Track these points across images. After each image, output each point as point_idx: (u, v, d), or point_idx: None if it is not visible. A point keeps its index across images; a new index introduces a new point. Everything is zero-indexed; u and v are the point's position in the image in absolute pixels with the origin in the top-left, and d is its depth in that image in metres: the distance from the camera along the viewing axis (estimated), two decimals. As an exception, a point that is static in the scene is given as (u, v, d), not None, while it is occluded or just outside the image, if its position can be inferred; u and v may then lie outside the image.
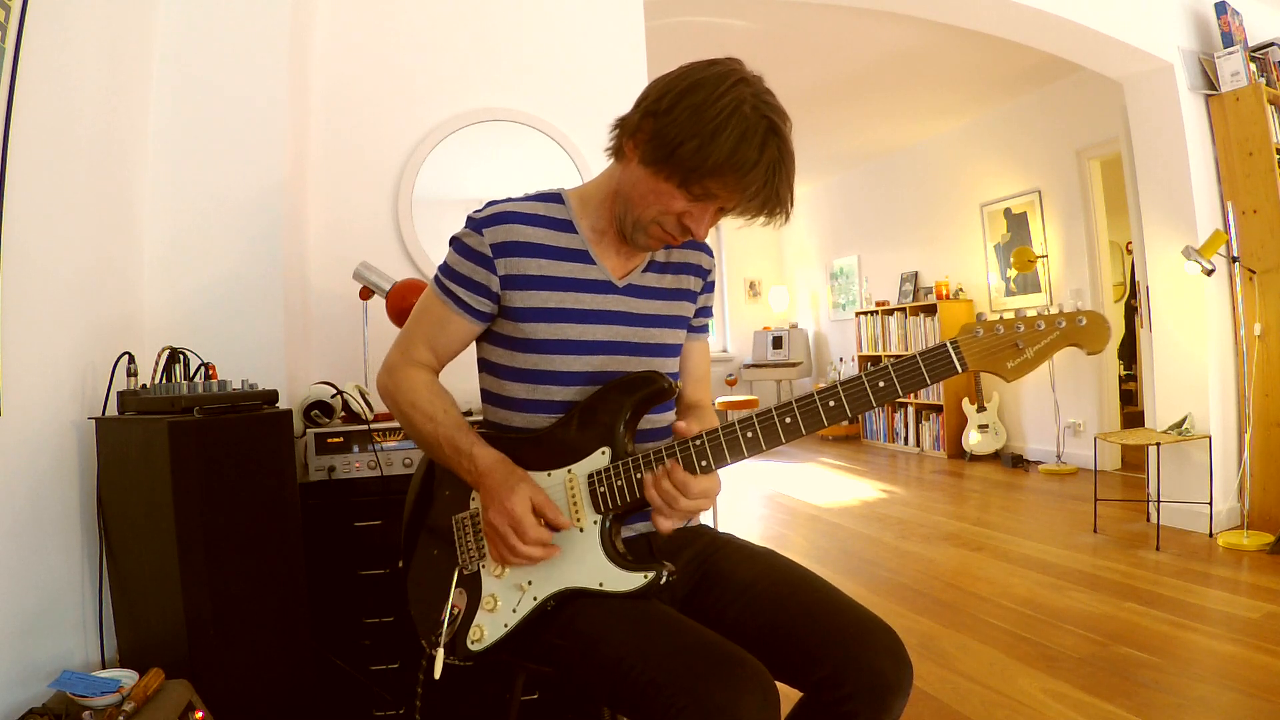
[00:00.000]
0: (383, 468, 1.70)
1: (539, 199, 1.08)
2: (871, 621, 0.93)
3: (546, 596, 0.97)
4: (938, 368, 0.88)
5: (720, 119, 0.88)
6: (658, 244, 1.04)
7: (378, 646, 1.67)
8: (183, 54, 1.76)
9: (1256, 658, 1.98)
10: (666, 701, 0.81)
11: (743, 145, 0.89)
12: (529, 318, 1.03)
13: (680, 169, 0.92)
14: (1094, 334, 0.86)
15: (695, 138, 0.89)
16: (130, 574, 1.34)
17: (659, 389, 1.00)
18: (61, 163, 1.35)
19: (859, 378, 0.90)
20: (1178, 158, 3.22)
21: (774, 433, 0.92)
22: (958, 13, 3.08)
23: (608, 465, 0.98)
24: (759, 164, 0.90)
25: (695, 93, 0.91)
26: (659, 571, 0.94)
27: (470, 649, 0.99)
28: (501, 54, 2.31)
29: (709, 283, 1.20)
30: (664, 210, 0.97)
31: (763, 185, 0.92)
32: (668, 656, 0.85)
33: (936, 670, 2.03)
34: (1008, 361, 0.87)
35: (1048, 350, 0.87)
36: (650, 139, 0.94)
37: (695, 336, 1.22)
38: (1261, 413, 3.09)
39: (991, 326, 0.87)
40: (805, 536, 3.58)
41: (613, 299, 1.07)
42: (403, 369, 1.08)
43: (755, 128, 0.89)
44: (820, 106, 4.98)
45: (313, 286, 2.12)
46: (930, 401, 5.63)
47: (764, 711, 0.81)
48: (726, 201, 0.95)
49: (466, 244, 1.03)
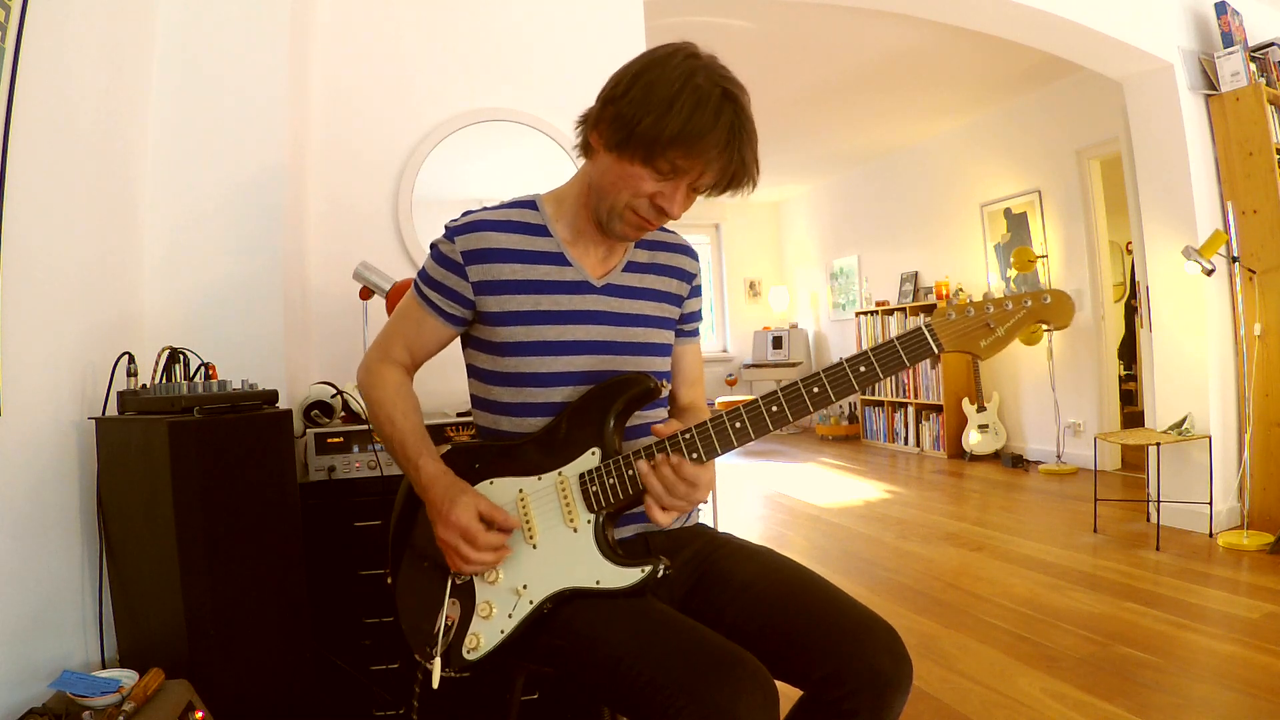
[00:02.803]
0: (383, 468, 1.70)
1: (512, 205, 1.11)
2: (871, 620, 0.93)
3: (544, 599, 0.97)
4: (915, 350, 0.92)
5: (673, 91, 0.91)
6: (634, 231, 1.04)
7: (378, 646, 1.67)
8: (183, 54, 1.77)
9: (1256, 658, 1.98)
10: (666, 701, 0.81)
11: (698, 112, 0.90)
12: (504, 321, 1.04)
13: (642, 146, 0.93)
14: (1058, 310, 0.91)
15: (651, 112, 0.91)
16: (130, 574, 1.34)
17: (646, 389, 1.01)
18: (61, 162, 1.35)
19: (840, 364, 0.93)
20: (1178, 158, 3.22)
21: (761, 422, 0.94)
22: (958, 13, 3.08)
23: (598, 465, 0.98)
24: (716, 128, 0.91)
25: (648, 72, 0.94)
26: (655, 565, 0.94)
27: (466, 658, 0.98)
28: (501, 54, 2.31)
29: (695, 287, 1.20)
30: (635, 193, 0.98)
31: (723, 149, 0.93)
32: (667, 656, 0.85)
33: (936, 670, 2.03)
34: (980, 341, 0.92)
35: (1017, 328, 0.92)
36: (611, 123, 0.96)
37: (686, 340, 1.22)
38: (1261, 413, 3.09)
39: (963, 309, 0.92)
40: (805, 537, 3.58)
41: (591, 299, 1.07)
42: (378, 366, 1.12)
43: (709, 95, 0.91)
44: (820, 106, 4.98)
45: (313, 286, 2.12)
46: (930, 401, 5.64)
47: (764, 711, 0.81)
48: (692, 172, 0.95)
49: (441, 251, 1.06)
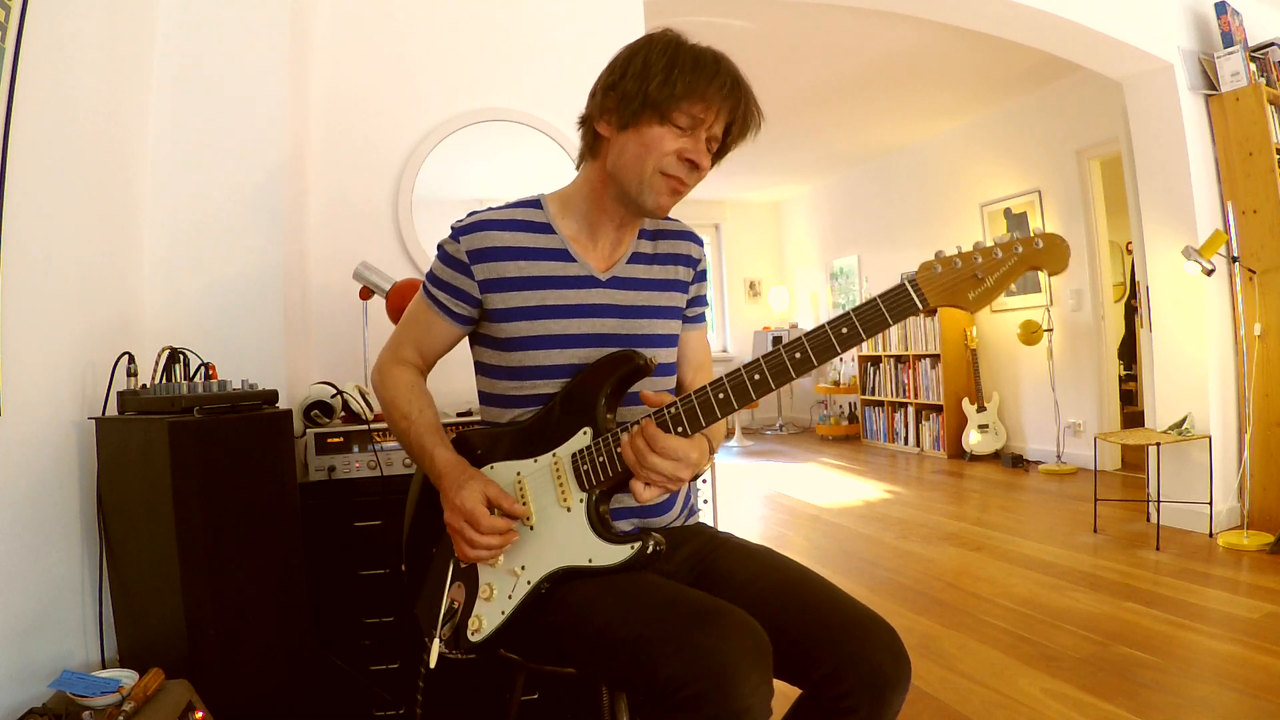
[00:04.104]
0: (383, 468, 1.70)
1: (517, 205, 1.13)
2: (869, 618, 0.93)
3: (540, 579, 0.99)
4: (899, 308, 0.87)
5: (670, 57, 0.99)
6: (670, 196, 1.05)
7: (378, 646, 1.67)
8: (183, 54, 1.77)
9: (1256, 658, 1.98)
10: (656, 653, 0.82)
11: (698, 66, 0.98)
12: (510, 317, 1.06)
13: (657, 106, 0.98)
14: (1052, 254, 0.85)
15: (656, 77, 0.98)
16: (130, 574, 1.34)
17: (635, 366, 1.01)
18: (61, 162, 1.35)
19: (822, 327, 0.89)
20: (1178, 158, 3.22)
21: (744, 390, 0.92)
22: (958, 13, 3.07)
23: (590, 443, 1.00)
24: (719, 74, 0.99)
25: (640, 52, 1.01)
26: (645, 541, 0.95)
27: (471, 640, 1.01)
28: (501, 54, 2.31)
29: (700, 271, 1.22)
30: (661, 154, 1.01)
31: (729, 93, 0.99)
32: (654, 612, 0.87)
33: (936, 670, 2.03)
34: (969, 293, 0.86)
35: (1008, 277, 0.86)
36: (619, 104, 1.01)
37: (693, 326, 1.23)
38: (1261, 413, 3.09)
39: (950, 261, 0.87)
40: (805, 537, 3.58)
41: (596, 292, 1.09)
42: (390, 368, 1.15)
43: (702, 53, 1.00)
44: (820, 106, 4.98)
45: (313, 286, 2.12)
46: (930, 401, 5.64)
47: (754, 655, 0.81)
48: (708, 119, 1.00)
49: (447, 251, 1.08)
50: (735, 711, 0.77)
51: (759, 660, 0.81)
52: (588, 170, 1.10)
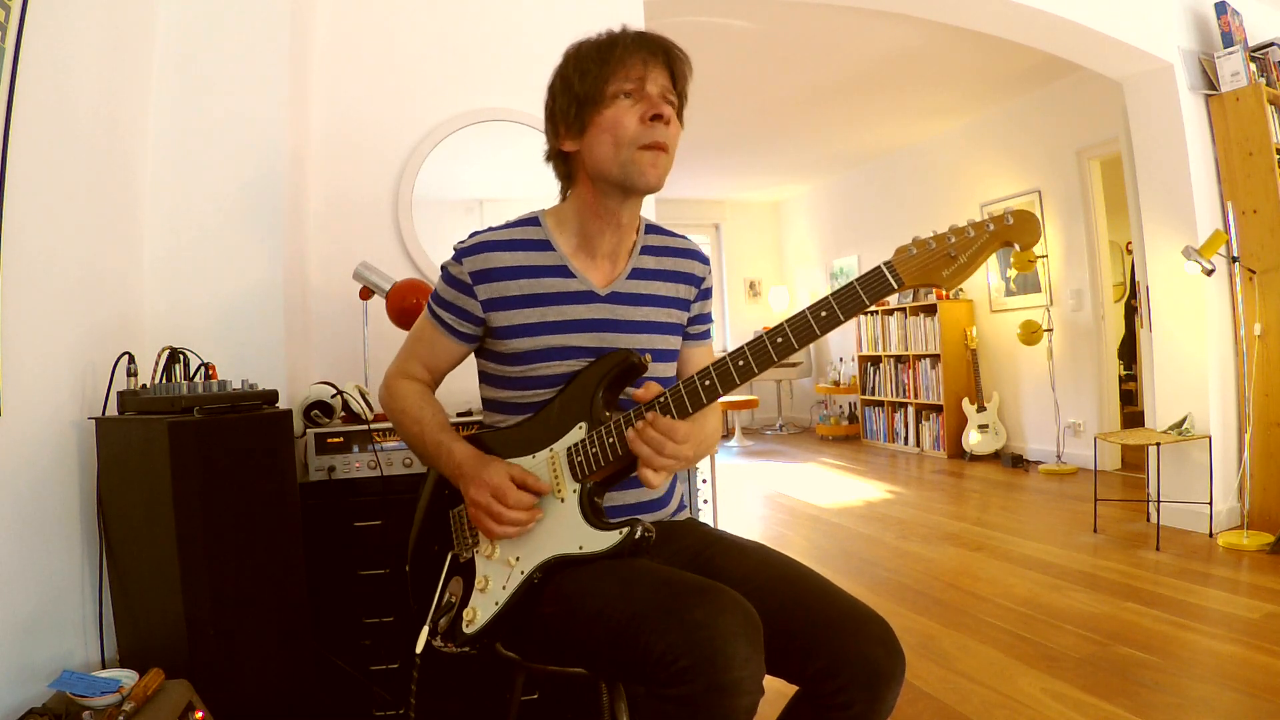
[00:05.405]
0: (383, 468, 1.70)
1: (517, 224, 1.15)
2: (862, 612, 0.95)
3: (533, 569, 1.01)
4: (875, 288, 0.91)
5: (577, 56, 1.08)
6: (653, 167, 1.06)
7: (378, 646, 1.67)
8: (183, 54, 1.76)
9: (1256, 658, 1.98)
10: (650, 629, 0.84)
11: (601, 45, 1.07)
12: (513, 334, 1.10)
13: (593, 96, 1.05)
14: (1022, 228, 0.89)
15: (575, 77, 1.06)
16: (130, 574, 1.34)
17: (630, 364, 1.05)
18: (62, 162, 1.35)
19: (802, 312, 0.93)
20: (1178, 158, 3.22)
21: (729, 377, 0.96)
22: (958, 13, 3.07)
23: (584, 436, 1.03)
24: (621, 35, 1.07)
25: (556, 79, 1.11)
26: (634, 527, 0.97)
27: (466, 632, 1.03)
28: (501, 54, 2.31)
29: (704, 290, 1.24)
30: (626, 128, 1.04)
31: (643, 43, 1.06)
32: (647, 592, 0.89)
33: (936, 670, 2.03)
34: (943, 271, 0.90)
35: (981, 253, 0.90)
36: (566, 113, 1.07)
37: (696, 343, 1.25)
38: (1261, 413, 3.09)
39: (924, 243, 0.91)
40: (805, 537, 3.58)
41: (596, 307, 1.12)
42: (395, 383, 1.20)
43: (598, 36, 1.09)
44: (820, 106, 4.97)
45: (313, 286, 2.12)
46: (930, 401, 5.64)
47: (745, 630, 0.83)
48: (642, 73, 1.05)
49: (451, 273, 1.12)
50: (728, 683, 0.79)
51: (750, 634, 0.83)
52: (574, 191, 1.14)
